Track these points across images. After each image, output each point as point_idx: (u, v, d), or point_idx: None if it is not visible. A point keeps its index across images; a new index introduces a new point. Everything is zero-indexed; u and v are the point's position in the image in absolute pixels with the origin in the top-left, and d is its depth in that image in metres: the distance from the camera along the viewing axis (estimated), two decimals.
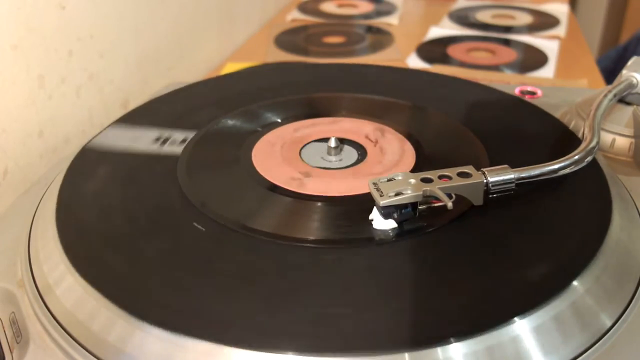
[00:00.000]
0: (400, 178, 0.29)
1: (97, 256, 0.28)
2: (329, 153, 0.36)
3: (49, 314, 0.26)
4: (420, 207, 0.30)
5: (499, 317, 0.23)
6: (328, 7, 0.97)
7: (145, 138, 0.38)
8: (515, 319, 0.23)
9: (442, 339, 0.22)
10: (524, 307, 0.24)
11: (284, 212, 0.31)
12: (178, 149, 0.36)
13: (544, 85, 0.50)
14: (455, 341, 0.22)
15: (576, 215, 0.30)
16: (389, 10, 0.94)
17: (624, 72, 0.39)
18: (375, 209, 0.29)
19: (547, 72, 0.68)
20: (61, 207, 0.31)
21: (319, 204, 0.31)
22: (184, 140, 0.37)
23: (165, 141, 0.35)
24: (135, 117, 0.41)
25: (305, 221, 0.30)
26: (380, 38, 0.81)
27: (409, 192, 0.28)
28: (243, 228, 0.29)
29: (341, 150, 0.37)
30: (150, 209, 0.31)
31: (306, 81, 0.47)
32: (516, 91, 0.48)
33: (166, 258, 0.28)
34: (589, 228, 0.29)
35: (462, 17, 0.89)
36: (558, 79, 0.66)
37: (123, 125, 0.40)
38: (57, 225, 0.30)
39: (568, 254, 0.27)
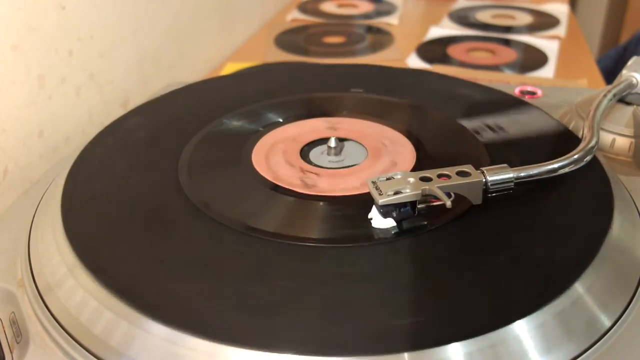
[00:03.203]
0: (399, 177, 0.29)
1: (98, 256, 0.28)
2: (329, 153, 0.36)
3: (49, 314, 0.26)
4: (419, 206, 0.30)
5: (498, 317, 0.23)
6: (328, 7, 0.97)
7: None
8: (515, 319, 0.23)
9: (442, 339, 0.22)
10: (524, 307, 0.24)
11: (284, 211, 0.31)
12: None
13: (544, 85, 0.50)
14: (455, 341, 0.22)
15: (576, 215, 0.30)
16: (389, 10, 0.94)
17: (624, 72, 0.39)
18: (374, 208, 0.29)
19: (547, 72, 0.68)
20: (63, 207, 0.31)
21: (320, 203, 0.32)
22: None
23: None
24: (135, 117, 0.41)
25: (306, 220, 0.30)
26: (380, 38, 0.81)
27: (408, 191, 0.28)
28: (244, 228, 0.29)
29: (341, 150, 0.37)
30: (152, 209, 0.31)
31: (306, 81, 0.47)
32: (516, 91, 0.48)
33: (167, 258, 0.28)
34: (589, 228, 0.29)
35: (462, 17, 0.89)
36: (558, 79, 0.66)
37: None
38: (57, 225, 0.30)
39: (568, 254, 0.27)
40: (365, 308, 0.24)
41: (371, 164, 0.35)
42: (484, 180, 0.30)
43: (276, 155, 0.36)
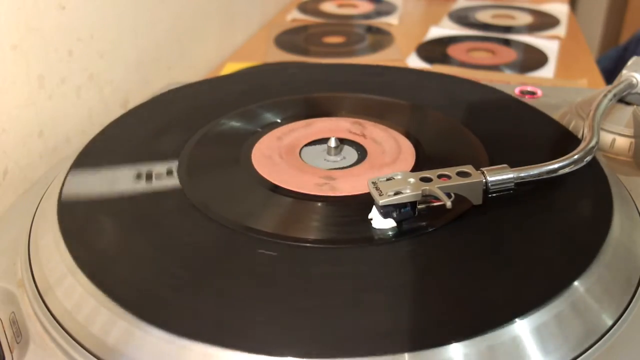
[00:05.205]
0: (399, 177, 0.29)
1: (98, 256, 0.28)
2: (329, 153, 0.36)
3: (49, 314, 0.26)
4: (419, 207, 0.30)
5: (499, 317, 0.23)
6: (328, 7, 0.97)
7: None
8: (515, 319, 0.23)
9: (442, 340, 0.22)
10: (524, 308, 0.24)
11: (284, 212, 0.31)
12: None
13: (544, 85, 0.50)
14: (455, 341, 0.22)
15: (577, 215, 0.30)
16: (389, 10, 0.94)
17: (624, 72, 0.39)
18: (374, 208, 0.29)
19: (547, 72, 0.68)
20: (62, 207, 0.31)
21: (319, 204, 0.31)
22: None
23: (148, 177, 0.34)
24: (135, 117, 0.41)
25: (305, 221, 0.30)
26: (380, 38, 0.81)
27: (408, 191, 0.28)
28: (243, 228, 0.29)
29: (341, 150, 0.37)
30: (151, 209, 0.31)
31: (306, 81, 0.47)
32: (516, 91, 0.48)
33: (167, 259, 0.27)
34: (589, 228, 0.29)
35: (462, 17, 0.89)
36: (558, 79, 0.66)
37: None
38: (57, 225, 0.30)
39: (568, 254, 0.27)
40: (365, 308, 0.24)
41: (371, 164, 0.35)
42: (484, 180, 0.30)
43: (275, 155, 0.36)
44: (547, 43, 0.77)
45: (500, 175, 0.30)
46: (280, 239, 0.28)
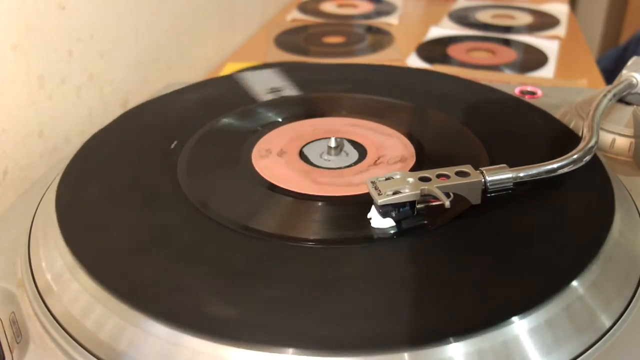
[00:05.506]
0: (398, 177, 0.29)
1: (98, 256, 0.28)
2: (328, 152, 0.36)
3: (49, 314, 0.26)
4: (418, 206, 0.30)
5: (498, 317, 0.23)
6: (328, 7, 0.97)
7: None
8: (515, 319, 0.23)
9: (441, 339, 0.22)
10: (524, 307, 0.24)
11: (283, 211, 0.31)
12: None
13: (544, 85, 0.50)
14: (455, 341, 0.22)
15: (577, 215, 0.30)
16: (389, 10, 0.94)
17: (624, 72, 0.39)
18: (373, 208, 0.29)
19: (547, 72, 0.68)
20: (62, 207, 0.31)
21: (319, 203, 0.32)
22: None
23: None
24: (135, 117, 0.41)
25: (305, 221, 0.30)
26: (380, 38, 0.81)
27: (407, 191, 0.28)
28: (243, 228, 0.29)
29: (341, 149, 0.37)
30: (151, 209, 0.31)
31: (306, 81, 0.47)
32: (516, 91, 0.48)
33: (167, 257, 0.28)
34: (589, 228, 0.29)
35: (462, 17, 0.89)
36: (558, 79, 0.66)
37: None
38: (57, 225, 0.30)
39: (568, 254, 0.27)
40: (365, 308, 0.24)
41: (370, 164, 0.35)
42: (483, 180, 0.30)
43: (276, 155, 0.36)
44: (547, 43, 0.77)
45: (499, 175, 0.30)
46: (280, 238, 0.28)
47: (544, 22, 0.86)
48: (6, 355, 0.25)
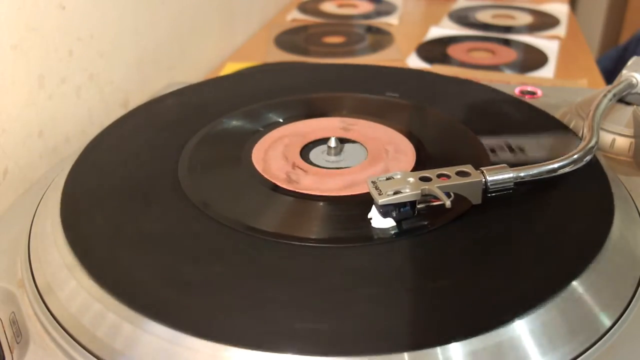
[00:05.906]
0: (399, 177, 0.29)
1: (98, 256, 0.28)
2: (329, 153, 0.36)
3: (49, 314, 0.26)
4: (419, 206, 0.30)
5: (498, 316, 0.23)
6: (328, 7, 0.97)
7: None
8: (515, 318, 0.23)
9: (441, 339, 0.22)
10: (524, 307, 0.24)
11: (284, 211, 0.31)
12: None
13: (544, 85, 0.50)
14: (455, 341, 0.22)
15: (577, 215, 0.30)
16: (389, 10, 0.94)
17: (624, 72, 0.39)
18: (374, 208, 0.29)
19: (547, 72, 0.68)
20: (63, 207, 0.31)
21: (320, 203, 0.32)
22: None
23: None
24: (135, 117, 0.41)
25: (305, 220, 0.30)
26: (380, 38, 0.81)
27: (408, 190, 0.28)
28: (244, 227, 0.29)
29: (341, 150, 0.37)
30: (152, 209, 0.31)
31: (306, 81, 0.47)
32: (516, 91, 0.48)
33: (168, 257, 0.28)
34: (589, 228, 0.29)
35: (462, 17, 0.89)
36: (558, 79, 0.66)
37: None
38: (57, 225, 0.30)
39: (568, 254, 0.27)
40: (365, 308, 0.24)
41: (371, 164, 0.35)
42: (483, 180, 0.30)
43: (276, 155, 0.36)
44: (547, 43, 0.77)
45: (499, 175, 0.30)
46: (281, 238, 0.28)
47: (544, 22, 0.86)
48: (6, 355, 0.25)
